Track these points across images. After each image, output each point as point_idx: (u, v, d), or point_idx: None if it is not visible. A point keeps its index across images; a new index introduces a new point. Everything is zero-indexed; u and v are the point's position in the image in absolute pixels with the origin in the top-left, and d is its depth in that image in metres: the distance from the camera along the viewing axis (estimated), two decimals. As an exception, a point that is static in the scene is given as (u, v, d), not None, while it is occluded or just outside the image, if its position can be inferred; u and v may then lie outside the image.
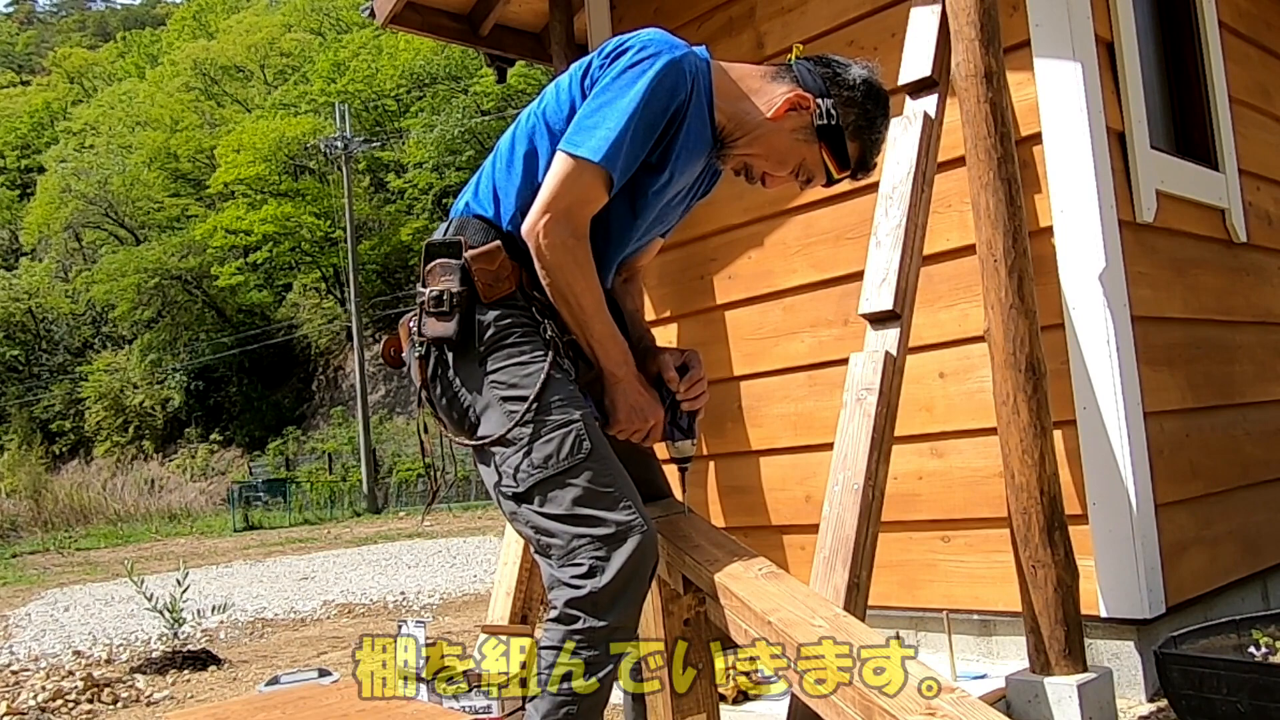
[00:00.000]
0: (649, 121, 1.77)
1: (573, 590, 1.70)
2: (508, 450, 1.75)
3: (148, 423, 36.89)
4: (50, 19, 73.87)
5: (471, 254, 1.79)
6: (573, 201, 1.76)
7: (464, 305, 1.78)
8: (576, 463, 1.74)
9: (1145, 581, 2.76)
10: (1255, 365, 3.55)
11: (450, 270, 1.80)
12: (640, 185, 1.86)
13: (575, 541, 1.71)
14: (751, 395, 3.75)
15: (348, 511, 25.85)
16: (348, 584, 9.38)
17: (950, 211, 3.12)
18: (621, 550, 1.71)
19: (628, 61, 1.80)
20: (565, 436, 1.76)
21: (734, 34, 3.82)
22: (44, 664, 5.77)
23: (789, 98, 1.84)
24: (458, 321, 1.78)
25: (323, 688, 3.52)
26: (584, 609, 1.70)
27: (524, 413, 1.74)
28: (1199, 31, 3.45)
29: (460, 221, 1.89)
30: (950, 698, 1.37)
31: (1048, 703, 2.48)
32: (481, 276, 1.79)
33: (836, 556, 2.41)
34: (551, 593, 1.75)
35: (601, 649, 1.71)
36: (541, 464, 1.73)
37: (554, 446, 1.74)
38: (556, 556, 1.73)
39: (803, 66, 1.88)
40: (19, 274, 40.56)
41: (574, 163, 1.75)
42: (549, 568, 1.75)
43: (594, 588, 1.69)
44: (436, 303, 1.78)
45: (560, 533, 1.72)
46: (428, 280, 1.81)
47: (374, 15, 4.49)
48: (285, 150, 33.65)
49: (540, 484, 1.73)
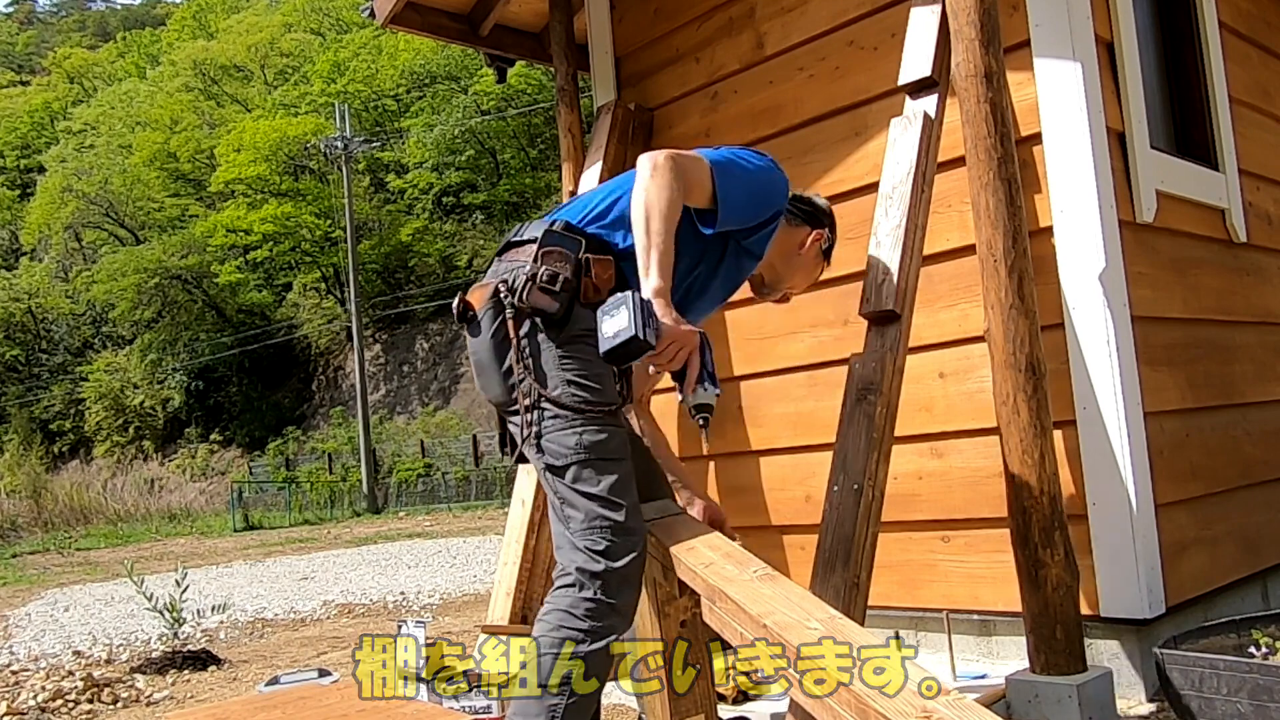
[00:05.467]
0: (756, 191, 2.21)
1: (591, 561, 1.88)
2: (561, 424, 1.94)
3: (148, 423, 36.89)
4: (50, 19, 73.87)
5: (594, 256, 2.03)
6: (688, 165, 2.08)
7: (570, 293, 1.99)
8: (614, 458, 1.95)
9: (1145, 581, 2.75)
10: (1255, 365, 3.55)
11: (568, 260, 2.01)
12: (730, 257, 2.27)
13: (596, 520, 1.90)
14: (751, 395, 3.75)
15: (348, 511, 25.85)
16: (348, 584, 9.37)
17: (950, 211, 3.12)
18: (629, 546, 1.91)
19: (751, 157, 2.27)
20: (616, 434, 1.98)
21: (734, 34, 3.82)
22: (44, 664, 5.76)
23: (814, 238, 2.47)
24: (562, 304, 1.98)
25: (323, 688, 3.52)
26: (597, 581, 1.87)
27: (593, 399, 1.96)
28: (1199, 31, 3.45)
29: (567, 223, 2.10)
30: (946, 699, 1.37)
31: (1048, 703, 2.48)
32: (596, 277, 2.01)
33: (836, 557, 2.41)
34: (563, 554, 1.94)
35: (604, 623, 1.88)
36: (588, 448, 1.93)
37: (604, 437, 1.95)
38: (575, 529, 1.92)
39: (800, 209, 2.46)
40: (19, 274, 40.59)
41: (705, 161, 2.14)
42: (564, 532, 1.94)
43: (609, 566, 1.88)
44: (550, 280, 1.97)
45: (585, 509, 1.91)
46: (542, 259, 1.99)
47: (374, 15, 4.49)
48: (285, 150, 33.65)
49: (581, 464, 1.93)
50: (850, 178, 3.41)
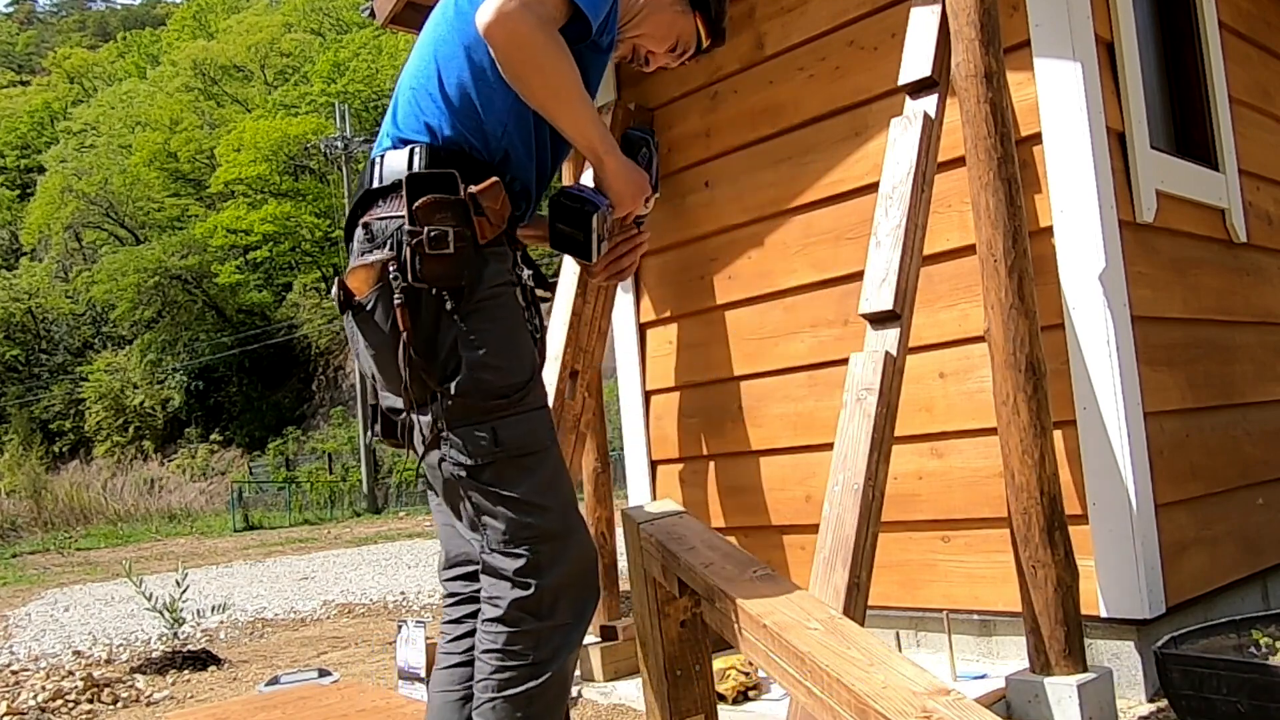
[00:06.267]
0: None
1: (520, 590, 1.61)
2: (473, 419, 1.62)
3: (148, 423, 36.90)
4: (50, 19, 73.88)
5: (477, 189, 1.62)
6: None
7: (467, 248, 1.61)
8: (537, 450, 1.65)
9: (1145, 581, 2.76)
10: (1255, 365, 3.55)
11: (448, 206, 1.61)
12: (588, 72, 1.72)
13: (520, 531, 1.62)
14: (751, 395, 3.75)
15: (348, 511, 25.86)
16: (348, 584, 9.38)
17: (950, 211, 3.12)
18: (564, 553, 1.64)
19: None
20: (538, 417, 1.67)
21: (733, 34, 3.81)
22: (44, 664, 5.77)
23: None
24: (461, 265, 1.61)
25: (323, 688, 3.53)
26: (530, 610, 1.62)
27: (508, 396, 1.63)
28: (1199, 31, 3.45)
29: (430, 150, 1.67)
30: (946, 699, 1.37)
31: (1048, 703, 2.48)
32: (489, 211, 1.62)
33: (836, 557, 2.41)
34: (490, 583, 1.64)
35: (546, 650, 1.62)
36: (506, 444, 1.62)
37: (525, 428, 1.64)
38: (494, 540, 1.63)
39: None
40: (19, 274, 40.59)
41: None
42: (483, 548, 1.65)
43: (540, 584, 1.61)
44: (438, 242, 1.59)
45: (504, 518, 1.62)
46: (420, 215, 1.60)
47: (374, 15, 4.49)
48: (285, 150, 33.68)
49: (497, 463, 1.62)
50: (850, 178, 3.41)
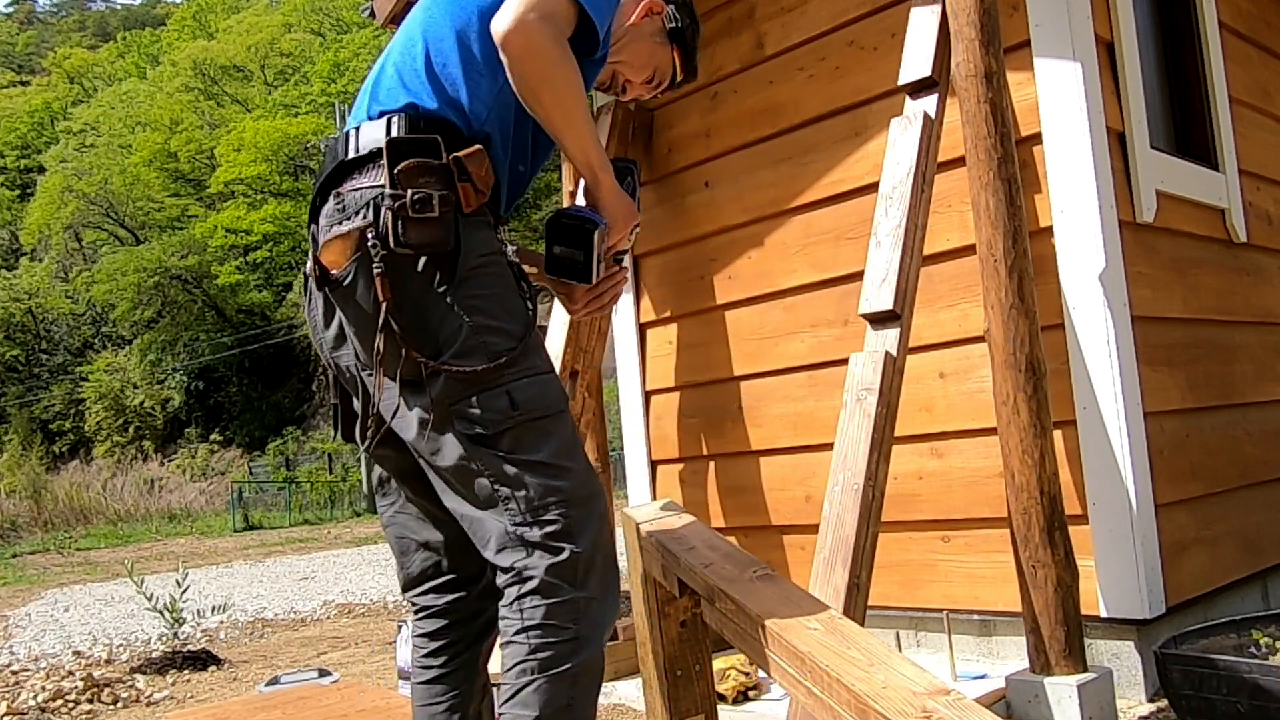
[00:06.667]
0: None
1: (552, 556, 1.54)
2: (480, 388, 1.56)
3: (148, 423, 36.89)
4: (50, 19, 73.87)
5: (462, 154, 1.58)
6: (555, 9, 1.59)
7: (451, 214, 1.57)
8: (554, 412, 1.61)
9: (1145, 581, 2.76)
10: (1255, 365, 3.55)
11: (431, 171, 1.57)
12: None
13: (549, 497, 1.56)
14: (751, 395, 3.75)
15: (348, 511, 25.84)
16: (348, 584, 9.38)
17: (950, 211, 3.12)
18: (591, 512, 1.59)
19: None
20: (550, 381, 1.63)
21: (733, 34, 3.81)
22: (44, 664, 5.77)
23: (645, 3, 1.87)
24: (447, 230, 1.56)
25: (323, 688, 3.53)
26: (565, 578, 1.54)
27: (515, 350, 1.58)
28: (1199, 31, 3.45)
29: (410, 120, 1.64)
30: (946, 699, 1.37)
31: (1048, 703, 2.48)
32: (475, 178, 1.59)
33: (836, 557, 2.41)
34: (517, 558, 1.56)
35: (586, 624, 1.56)
36: (523, 407, 1.57)
37: (538, 390, 1.60)
38: (520, 510, 1.56)
39: None
40: (19, 274, 40.59)
41: None
42: (501, 522, 1.57)
43: (574, 550, 1.55)
44: (421, 206, 1.53)
45: (530, 484, 1.56)
46: (401, 180, 1.55)
47: (374, 15, 4.48)
48: (285, 150, 33.68)
49: (517, 428, 1.57)
50: (850, 178, 3.41)
